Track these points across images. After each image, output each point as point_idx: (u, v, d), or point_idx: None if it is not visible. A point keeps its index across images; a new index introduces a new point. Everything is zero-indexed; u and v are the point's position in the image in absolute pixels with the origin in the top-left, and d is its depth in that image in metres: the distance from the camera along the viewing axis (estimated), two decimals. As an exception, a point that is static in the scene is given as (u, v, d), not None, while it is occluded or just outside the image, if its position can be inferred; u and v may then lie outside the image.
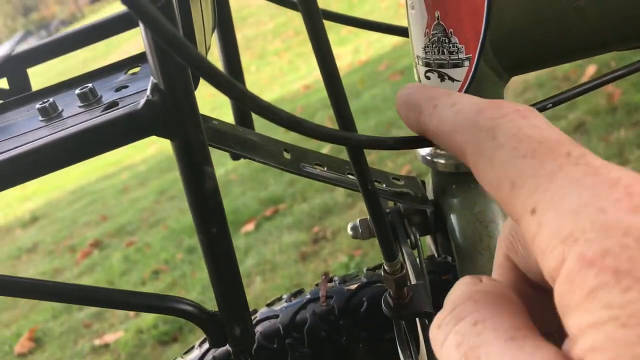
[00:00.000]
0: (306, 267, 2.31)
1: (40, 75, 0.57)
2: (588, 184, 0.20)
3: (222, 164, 4.01)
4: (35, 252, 3.96)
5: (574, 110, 2.40)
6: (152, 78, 0.32)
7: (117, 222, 3.80)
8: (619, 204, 0.19)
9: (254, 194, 3.17)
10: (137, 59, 0.50)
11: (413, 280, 0.45)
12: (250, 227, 2.82)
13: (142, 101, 0.32)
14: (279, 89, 5.27)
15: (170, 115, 0.32)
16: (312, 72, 5.57)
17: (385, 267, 0.40)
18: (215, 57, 0.57)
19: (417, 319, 0.45)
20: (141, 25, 0.30)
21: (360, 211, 2.50)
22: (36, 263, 3.72)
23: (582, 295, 0.18)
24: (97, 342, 2.48)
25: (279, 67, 6.52)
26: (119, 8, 0.53)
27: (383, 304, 0.42)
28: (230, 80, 0.27)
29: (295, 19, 7.65)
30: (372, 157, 2.88)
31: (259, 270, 2.45)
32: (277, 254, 2.49)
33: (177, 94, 0.32)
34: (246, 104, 0.28)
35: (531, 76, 2.94)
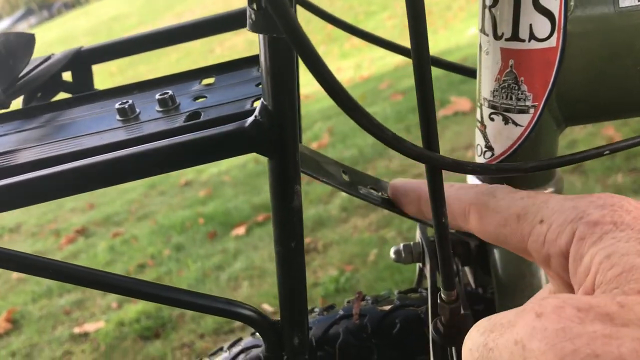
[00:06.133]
0: (295, 276, 2.32)
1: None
2: (568, 198, 0.31)
3: (216, 164, 4.03)
4: (18, 232, 3.93)
5: (573, 151, 2.44)
6: (262, 100, 0.34)
7: (104, 211, 3.79)
8: (583, 199, 0.31)
9: (247, 198, 3.19)
10: (210, 70, 0.52)
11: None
12: (241, 230, 2.83)
13: (250, 120, 0.34)
14: (278, 96, 5.29)
15: (274, 136, 0.34)
16: (311, 82, 5.57)
17: (442, 296, 0.42)
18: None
19: (452, 348, 0.47)
20: (262, 48, 0.32)
21: (353, 227, 2.52)
22: (18, 244, 3.70)
23: (593, 241, 0.28)
24: (76, 330, 2.47)
25: (279, 74, 6.51)
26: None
27: (433, 330, 0.44)
28: (353, 100, 0.30)
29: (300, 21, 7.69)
30: (369, 173, 2.90)
31: (247, 275, 2.46)
32: (266, 261, 2.51)
33: (283, 117, 0.34)
34: (361, 122, 0.30)
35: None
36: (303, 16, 0.60)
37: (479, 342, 0.27)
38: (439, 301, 0.42)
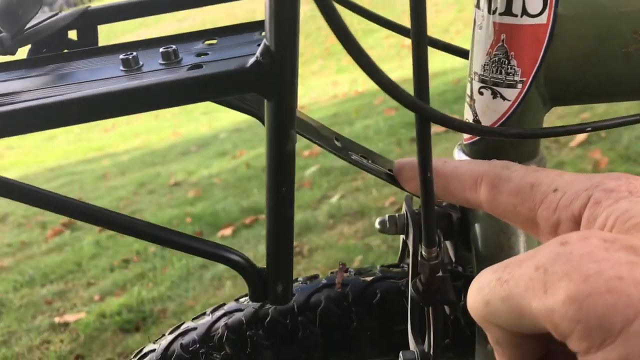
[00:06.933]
0: (279, 279, 2.33)
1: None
2: (582, 174, 0.32)
3: (207, 166, 4.03)
4: (4, 222, 3.92)
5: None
6: (264, 41, 0.36)
7: (93, 206, 3.78)
8: (598, 174, 0.31)
9: (236, 200, 3.20)
10: (213, 32, 0.54)
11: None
12: (227, 231, 2.84)
13: (252, 60, 0.36)
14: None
15: (274, 77, 0.36)
16: (308, 93, 5.64)
17: (423, 253, 0.44)
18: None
19: (429, 308, 0.49)
20: None
21: (339, 233, 2.54)
22: (3, 234, 3.69)
23: (609, 204, 0.28)
24: (57, 319, 2.46)
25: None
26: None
27: (412, 289, 0.45)
28: (365, 54, 0.31)
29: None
30: (359, 182, 2.93)
31: (231, 275, 2.47)
32: (251, 262, 2.51)
33: (284, 58, 0.35)
34: (359, 60, 0.32)
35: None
36: (302, 29, 0.62)
37: (490, 279, 0.27)
38: (419, 259, 0.44)
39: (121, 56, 0.48)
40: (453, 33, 6.42)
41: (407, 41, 0.48)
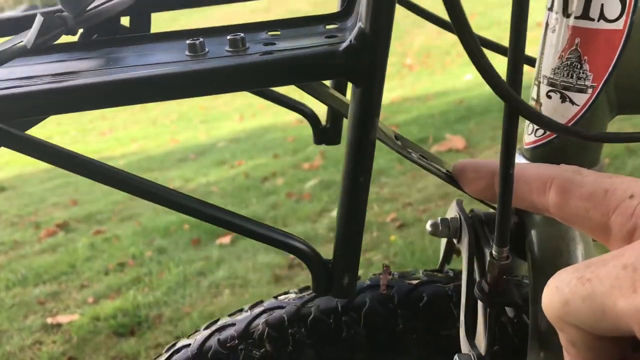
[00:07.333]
0: (278, 289, 2.31)
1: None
2: None
3: (204, 174, 4.02)
4: (-4, 220, 3.88)
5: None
6: (359, 23, 0.35)
7: (88, 209, 3.76)
8: None
9: (235, 209, 3.14)
10: (275, 24, 0.53)
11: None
12: (225, 240, 2.82)
13: (345, 44, 0.35)
14: (272, 117, 5.32)
15: (366, 62, 0.35)
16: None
17: (494, 252, 0.43)
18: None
19: (487, 311, 0.48)
20: None
21: (340, 247, 2.53)
22: (-4, 232, 3.66)
23: None
24: (49, 320, 2.43)
25: (274, 97, 6.56)
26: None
27: (477, 289, 0.45)
28: (474, 38, 0.31)
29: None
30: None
31: (229, 283, 2.45)
32: (250, 271, 2.50)
33: (380, 42, 0.35)
34: (463, 37, 0.32)
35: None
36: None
37: (570, 278, 0.26)
38: (489, 258, 0.43)
39: (188, 41, 0.47)
40: (454, 55, 6.46)
41: (408, 60, 0.48)
